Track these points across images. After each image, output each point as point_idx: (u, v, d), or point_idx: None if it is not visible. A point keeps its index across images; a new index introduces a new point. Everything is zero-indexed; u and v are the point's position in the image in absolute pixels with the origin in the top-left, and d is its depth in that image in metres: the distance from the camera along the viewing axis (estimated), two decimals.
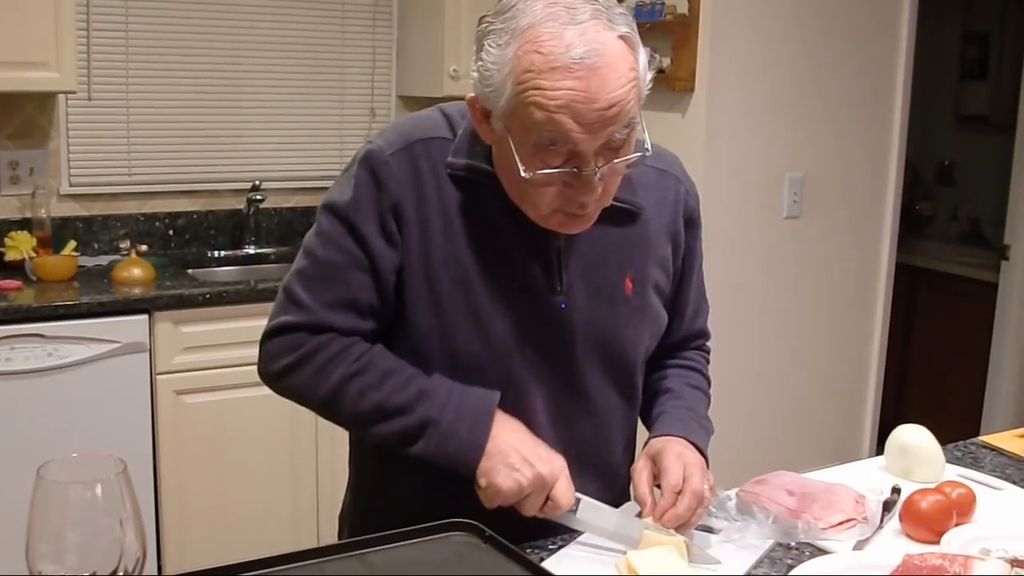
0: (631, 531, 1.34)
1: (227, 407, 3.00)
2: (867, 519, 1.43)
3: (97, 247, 3.37)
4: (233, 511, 3.07)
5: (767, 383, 3.37)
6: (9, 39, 2.84)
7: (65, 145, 3.31)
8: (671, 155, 1.52)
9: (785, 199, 3.28)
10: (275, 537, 3.10)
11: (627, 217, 1.42)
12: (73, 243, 3.19)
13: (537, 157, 1.22)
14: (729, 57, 3.09)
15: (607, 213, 1.35)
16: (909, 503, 1.42)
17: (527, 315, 1.37)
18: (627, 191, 1.39)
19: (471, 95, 1.28)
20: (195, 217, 3.57)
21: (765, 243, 3.28)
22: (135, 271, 3.04)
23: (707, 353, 1.66)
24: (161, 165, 3.49)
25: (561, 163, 1.23)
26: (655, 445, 1.44)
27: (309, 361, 1.35)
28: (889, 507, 1.48)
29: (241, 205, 3.60)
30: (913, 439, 1.65)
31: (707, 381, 1.63)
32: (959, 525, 1.41)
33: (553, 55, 1.17)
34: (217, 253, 3.56)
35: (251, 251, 3.60)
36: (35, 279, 2.98)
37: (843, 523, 1.41)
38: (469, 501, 1.32)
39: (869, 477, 1.62)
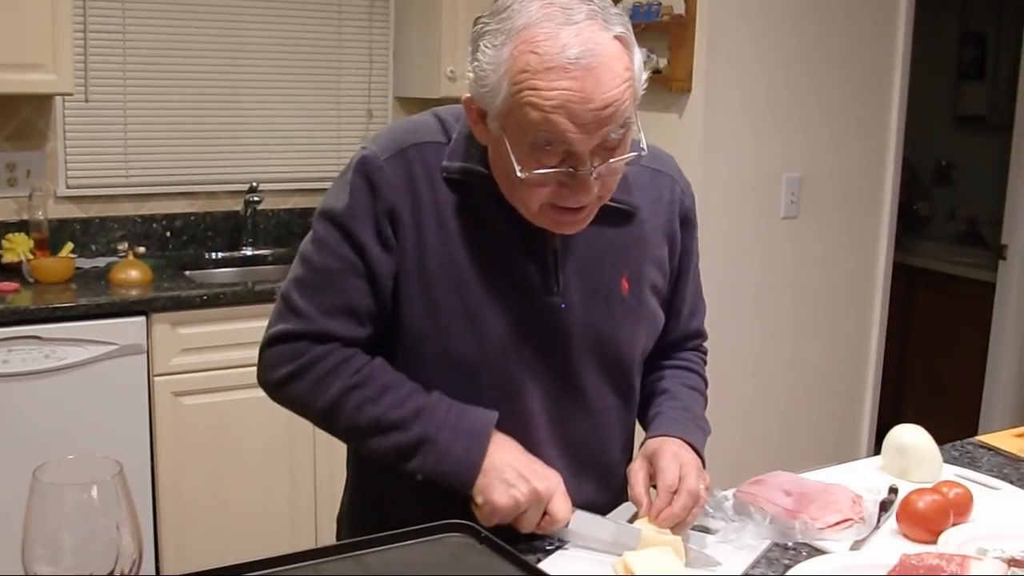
0: (628, 539, 1.33)
1: (225, 409, 3.00)
2: (864, 519, 1.43)
3: (94, 249, 3.37)
4: (231, 512, 3.07)
5: (765, 383, 3.37)
6: (6, 41, 2.83)
7: (62, 147, 3.31)
8: (666, 155, 1.52)
9: (782, 199, 3.29)
10: (273, 538, 3.10)
11: (623, 217, 1.42)
12: (70, 245, 3.19)
13: (533, 157, 1.23)
14: (726, 57, 3.09)
15: (603, 213, 1.35)
16: (906, 503, 1.42)
17: (524, 316, 1.37)
18: (623, 191, 1.39)
19: (467, 96, 1.29)
20: (192, 219, 3.57)
21: (762, 243, 3.28)
22: (132, 273, 3.03)
23: (704, 354, 1.66)
24: (158, 167, 3.49)
25: (557, 163, 1.23)
26: (651, 445, 1.44)
27: (309, 371, 1.36)
28: (886, 507, 1.48)
29: (238, 207, 3.60)
30: (910, 439, 1.65)
31: (704, 382, 1.63)
32: (956, 525, 1.41)
33: (549, 55, 1.17)
34: (214, 255, 3.56)
35: (249, 253, 3.60)
36: (32, 281, 2.98)
37: (840, 523, 1.41)
38: (467, 503, 1.32)
39: (866, 477, 1.62)
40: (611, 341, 1.43)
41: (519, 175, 1.23)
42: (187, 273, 3.28)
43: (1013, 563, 1.27)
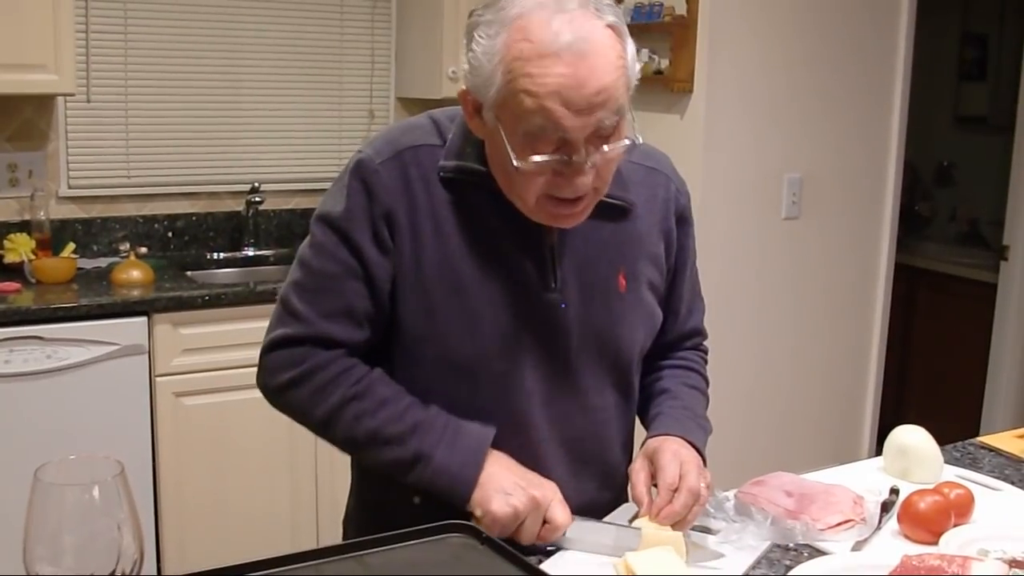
0: (630, 541, 1.33)
1: (226, 409, 3.00)
2: (865, 520, 1.43)
3: (96, 249, 3.37)
4: (232, 513, 3.07)
5: (766, 384, 3.37)
6: (8, 41, 2.84)
7: (64, 147, 3.32)
8: (661, 153, 1.53)
9: (784, 200, 3.29)
10: (274, 539, 3.10)
11: (619, 213, 1.43)
12: (72, 245, 3.19)
13: (528, 146, 1.24)
14: (727, 58, 3.09)
15: (599, 209, 1.36)
16: (907, 504, 1.42)
17: (522, 314, 1.37)
18: (618, 187, 1.40)
19: (462, 88, 1.30)
20: (194, 219, 3.57)
21: (764, 244, 3.28)
22: (134, 273, 3.04)
23: (704, 353, 1.66)
24: (160, 167, 3.49)
25: (552, 151, 1.24)
26: (651, 445, 1.44)
27: (309, 380, 1.36)
28: (887, 508, 1.48)
29: (240, 207, 3.60)
30: (911, 440, 1.65)
31: (705, 381, 1.63)
32: (957, 526, 1.41)
33: (542, 43, 1.19)
34: (216, 255, 3.56)
35: (250, 253, 3.60)
36: (34, 281, 2.98)
37: (841, 524, 1.41)
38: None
39: (867, 478, 1.62)
40: (610, 338, 1.44)
41: (515, 164, 1.24)
42: (189, 273, 3.28)
43: (1014, 564, 1.27)
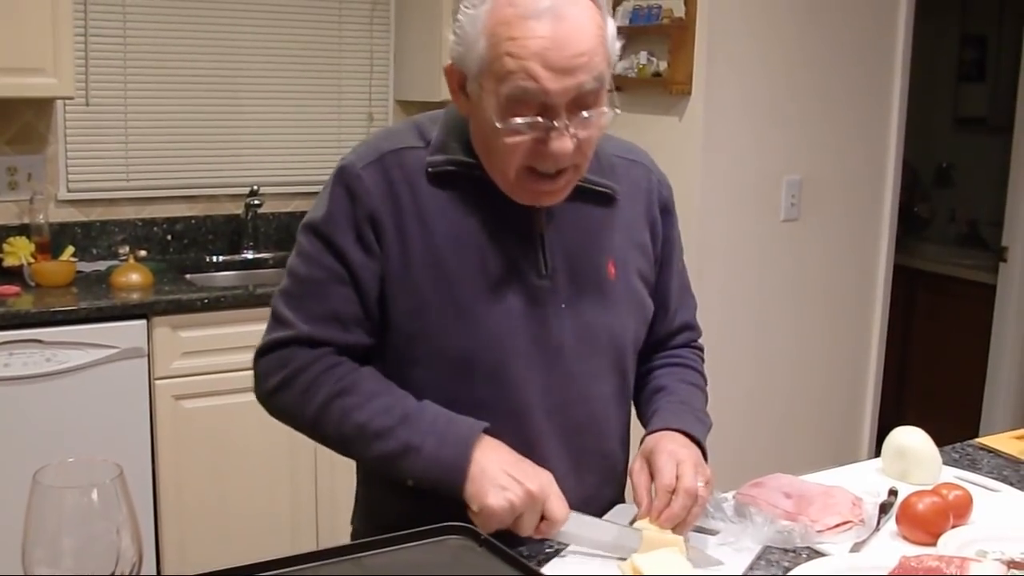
0: (630, 541, 1.33)
1: (226, 412, 3.00)
2: (864, 521, 1.43)
3: (95, 252, 3.37)
4: (232, 515, 3.07)
5: (766, 385, 3.37)
6: (6, 45, 2.84)
7: (63, 151, 3.32)
8: (640, 149, 1.57)
9: (783, 202, 3.29)
10: (274, 541, 3.10)
11: (604, 200, 1.46)
12: (71, 248, 3.19)
13: (510, 109, 1.27)
14: (726, 60, 3.09)
15: (584, 195, 1.41)
16: (906, 505, 1.42)
17: (514, 303, 1.38)
18: (602, 174, 1.44)
19: (448, 63, 1.34)
20: (193, 222, 3.57)
21: (763, 246, 3.28)
22: (133, 276, 3.04)
23: (700, 350, 1.66)
24: (159, 170, 3.49)
25: (533, 115, 1.26)
26: (648, 444, 1.44)
27: (296, 380, 1.38)
28: (886, 509, 1.48)
29: (239, 210, 3.61)
30: (910, 441, 1.65)
31: (702, 378, 1.63)
32: (956, 527, 1.41)
33: (525, 7, 1.24)
34: (215, 258, 3.56)
35: (249, 256, 3.60)
36: (33, 285, 2.98)
37: (840, 525, 1.41)
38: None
39: (866, 479, 1.62)
40: (602, 324, 1.44)
41: (497, 125, 1.27)
42: (188, 276, 3.29)
43: (1013, 565, 1.27)
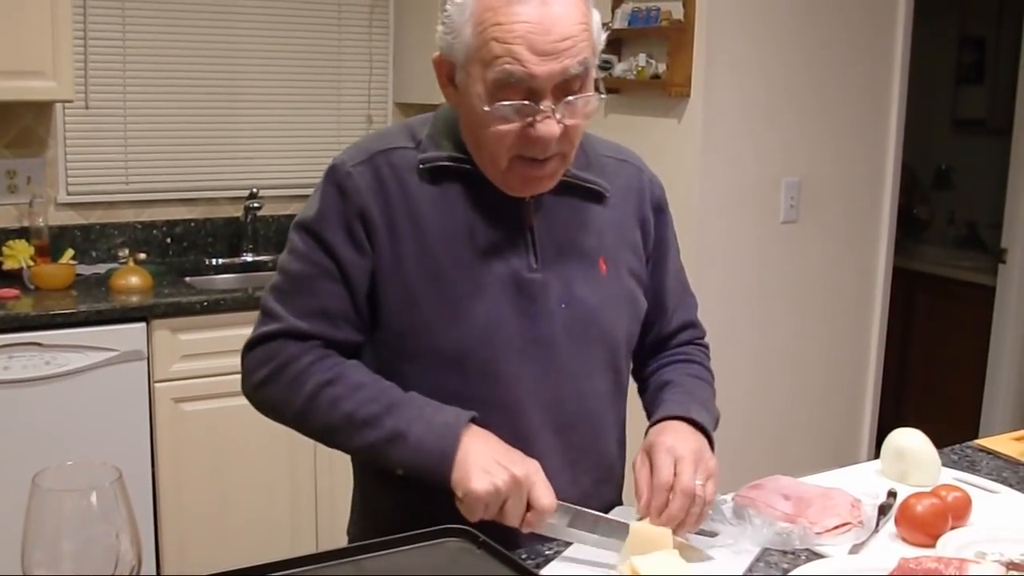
0: (618, 536, 1.33)
1: (225, 415, 3.00)
2: (863, 523, 1.43)
3: (95, 255, 3.38)
4: (231, 518, 3.07)
5: (765, 387, 3.37)
6: (6, 48, 2.84)
7: (63, 154, 3.32)
8: (630, 150, 1.58)
9: (782, 204, 3.29)
10: (273, 544, 3.10)
11: (594, 197, 1.47)
12: (71, 251, 3.20)
13: (497, 93, 1.28)
14: (725, 62, 3.09)
15: (574, 191, 1.42)
16: (905, 507, 1.42)
17: (505, 297, 1.39)
18: (592, 173, 1.46)
19: (436, 54, 1.37)
20: (193, 225, 3.57)
21: (762, 248, 3.28)
22: (133, 279, 3.04)
23: (705, 348, 1.66)
24: (158, 173, 3.49)
25: (520, 99, 1.28)
26: (649, 438, 1.44)
27: (283, 373, 1.38)
28: (885, 511, 1.48)
29: (239, 213, 3.61)
30: (909, 443, 1.65)
31: (709, 372, 1.62)
32: (955, 529, 1.41)
33: None
34: (215, 261, 3.56)
35: (249, 259, 3.61)
36: (33, 288, 2.98)
37: (839, 527, 1.41)
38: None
39: (865, 481, 1.62)
40: (595, 319, 1.45)
41: (484, 108, 1.28)
42: (187, 279, 3.29)
43: (1011, 567, 1.27)
